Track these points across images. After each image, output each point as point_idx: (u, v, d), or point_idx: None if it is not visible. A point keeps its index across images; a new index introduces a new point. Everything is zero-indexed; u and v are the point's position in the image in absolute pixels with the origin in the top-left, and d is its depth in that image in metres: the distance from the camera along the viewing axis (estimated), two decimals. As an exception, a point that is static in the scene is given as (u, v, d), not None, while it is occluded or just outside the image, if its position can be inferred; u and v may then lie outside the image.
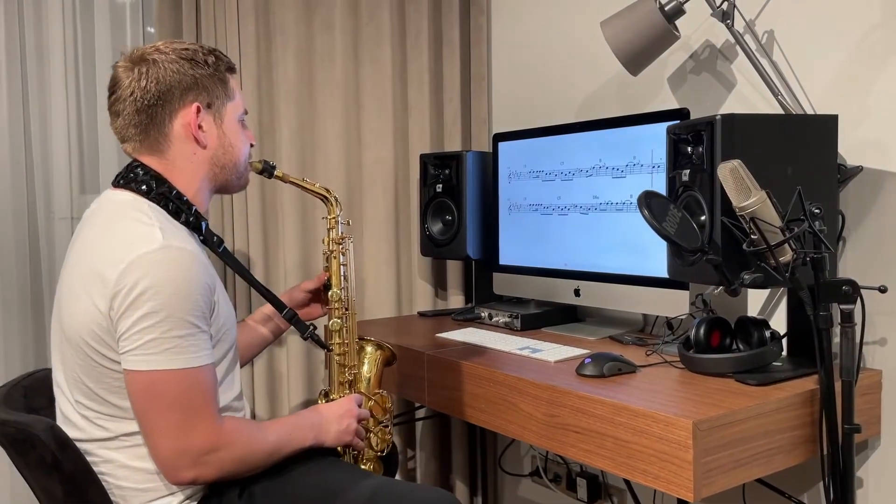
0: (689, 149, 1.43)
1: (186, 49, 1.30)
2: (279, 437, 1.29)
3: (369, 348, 1.55)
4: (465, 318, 2.07)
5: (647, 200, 1.29)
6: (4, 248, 2.07)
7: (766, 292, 1.70)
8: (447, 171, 2.15)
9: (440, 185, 2.16)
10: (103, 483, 1.23)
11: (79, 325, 1.19)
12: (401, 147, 2.29)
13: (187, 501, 1.25)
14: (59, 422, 1.28)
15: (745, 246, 1.29)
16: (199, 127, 1.30)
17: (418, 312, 2.27)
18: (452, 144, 2.34)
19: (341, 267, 1.53)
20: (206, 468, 1.19)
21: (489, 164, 2.15)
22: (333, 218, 1.54)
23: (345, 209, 1.59)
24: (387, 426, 1.52)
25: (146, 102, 1.26)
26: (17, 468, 1.24)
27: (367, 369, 1.53)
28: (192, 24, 2.05)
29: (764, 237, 1.25)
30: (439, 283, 2.37)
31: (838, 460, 1.29)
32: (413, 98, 2.30)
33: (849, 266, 1.55)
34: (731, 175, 1.26)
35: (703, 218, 1.38)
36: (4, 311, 2.07)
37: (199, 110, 1.30)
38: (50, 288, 2.13)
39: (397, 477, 2.07)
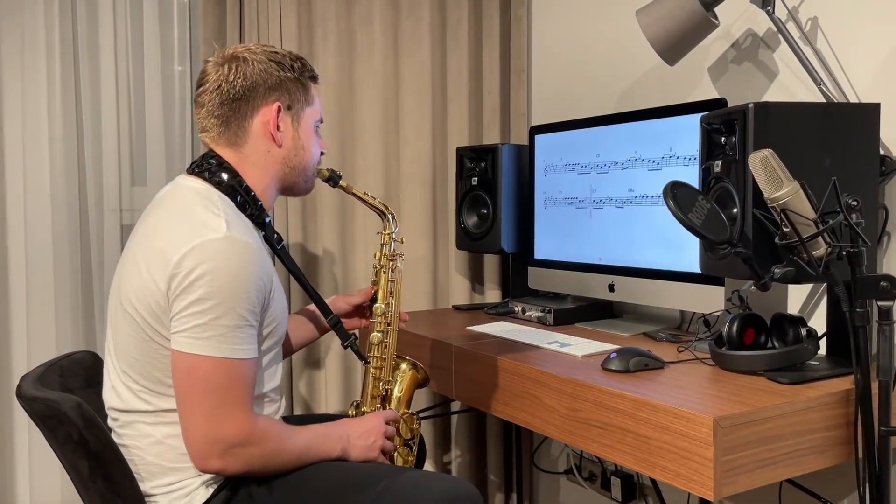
0: (723, 139, 1.39)
1: (276, 52, 1.36)
2: (308, 444, 1.30)
3: (404, 366, 1.55)
4: (499, 311, 2.06)
5: (673, 191, 1.25)
6: (58, 239, 2.15)
7: (806, 289, 1.64)
8: (483, 165, 2.13)
9: (476, 179, 2.14)
10: (130, 460, 1.27)
11: (137, 300, 1.23)
12: (439, 141, 2.29)
13: (208, 485, 1.27)
14: (105, 390, 1.33)
15: (776, 239, 1.25)
16: (277, 127, 1.35)
17: (453, 306, 2.27)
18: (491, 138, 2.32)
19: (389, 283, 1.55)
20: (234, 460, 1.21)
21: (525, 158, 2.13)
22: (388, 234, 1.57)
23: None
24: (411, 448, 1.52)
25: (231, 96, 1.32)
26: (49, 444, 1.28)
27: (399, 388, 1.53)
28: (236, 18, 2.08)
29: (795, 230, 1.20)
30: (476, 278, 2.36)
31: (874, 464, 1.23)
32: (452, 91, 2.29)
33: (893, 262, 1.48)
34: (762, 165, 1.21)
35: (734, 210, 1.34)
36: (57, 298, 2.15)
37: (279, 110, 1.34)
38: (100, 276, 2.21)
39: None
